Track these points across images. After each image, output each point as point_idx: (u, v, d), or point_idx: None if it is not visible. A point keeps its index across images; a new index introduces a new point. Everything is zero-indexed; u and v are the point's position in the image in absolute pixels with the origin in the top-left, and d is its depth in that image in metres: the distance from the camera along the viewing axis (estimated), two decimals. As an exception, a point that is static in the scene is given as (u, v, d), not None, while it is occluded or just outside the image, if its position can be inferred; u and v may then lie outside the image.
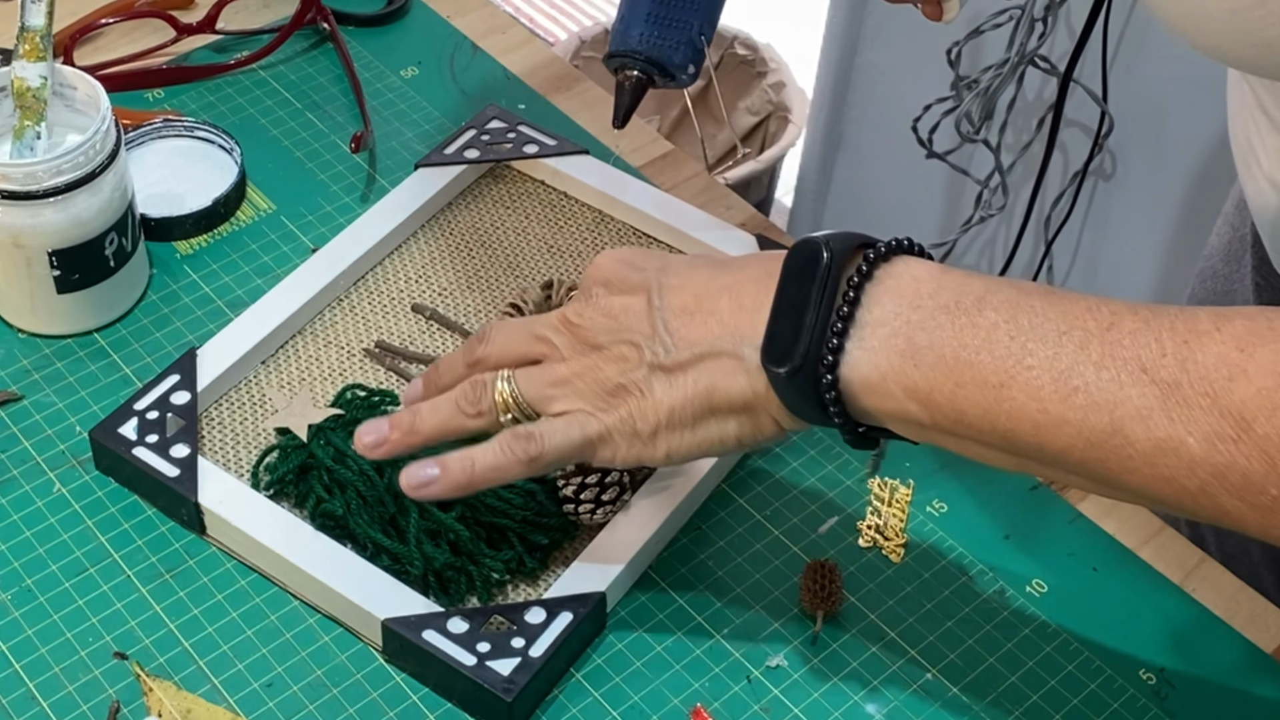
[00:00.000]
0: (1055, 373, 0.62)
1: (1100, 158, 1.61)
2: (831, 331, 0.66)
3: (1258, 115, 0.78)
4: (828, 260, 0.66)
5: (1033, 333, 0.63)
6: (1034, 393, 0.62)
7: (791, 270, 0.67)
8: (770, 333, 0.68)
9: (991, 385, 0.63)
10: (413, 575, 0.79)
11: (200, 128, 1.01)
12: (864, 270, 0.66)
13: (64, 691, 0.76)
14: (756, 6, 2.54)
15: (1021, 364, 0.63)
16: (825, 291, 0.66)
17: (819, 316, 0.66)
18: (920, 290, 0.66)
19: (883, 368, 0.65)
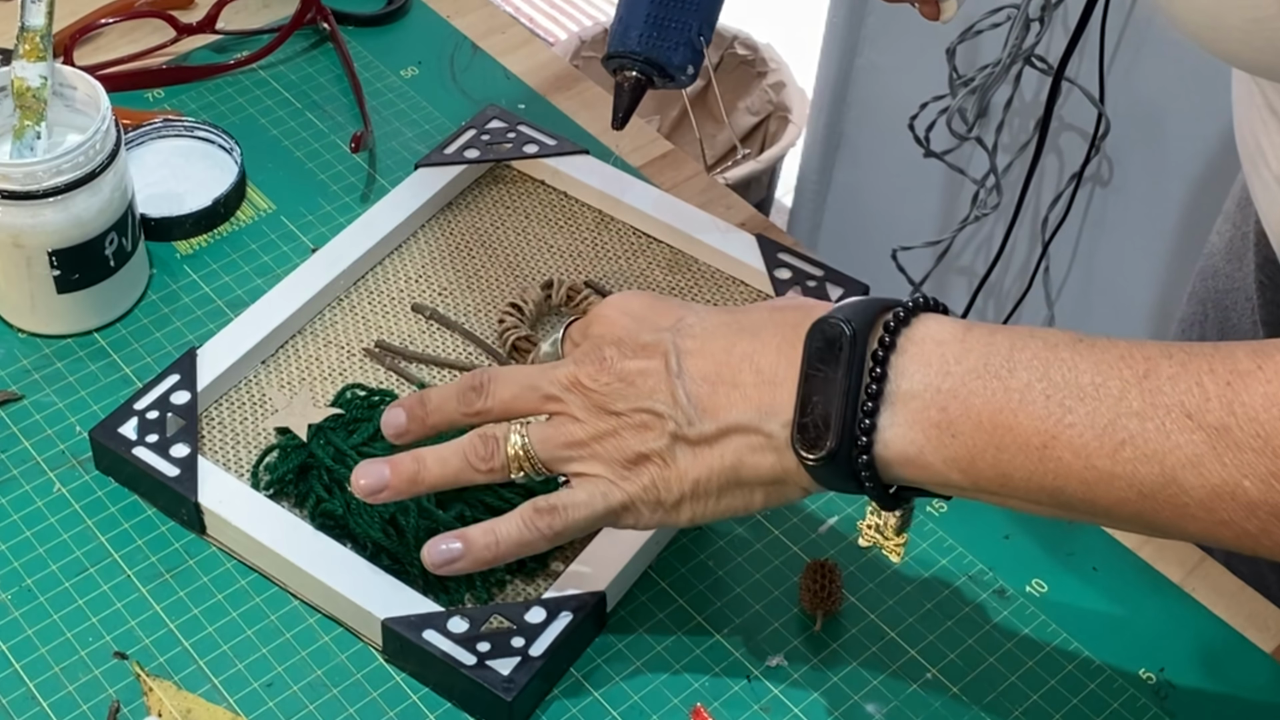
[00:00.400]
0: (1098, 428, 0.61)
1: (1097, 159, 1.61)
2: (862, 412, 0.65)
3: (1266, 115, 0.77)
4: (850, 338, 0.65)
5: (1068, 388, 0.62)
6: (1079, 450, 0.62)
7: (814, 353, 0.66)
8: (800, 423, 0.66)
9: (1034, 447, 0.62)
10: (413, 575, 0.79)
11: (200, 128, 1.01)
12: (887, 342, 0.65)
13: (64, 691, 0.76)
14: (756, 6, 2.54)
15: (1062, 422, 0.62)
16: (852, 374, 0.65)
17: (848, 401, 0.65)
18: (946, 355, 0.64)
19: (919, 442, 0.64)
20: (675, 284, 0.95)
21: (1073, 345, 0.63)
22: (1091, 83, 1.56)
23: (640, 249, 0.97)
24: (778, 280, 0.93)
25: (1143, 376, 0.61)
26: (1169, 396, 0.60)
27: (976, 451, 0.64)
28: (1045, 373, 0.62)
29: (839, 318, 0.66)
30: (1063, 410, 0.62)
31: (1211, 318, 0.99)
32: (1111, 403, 0.61)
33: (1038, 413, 0.62)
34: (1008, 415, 0.63)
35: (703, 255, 0.96)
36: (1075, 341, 0.63)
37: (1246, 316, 0.94)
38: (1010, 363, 0.63)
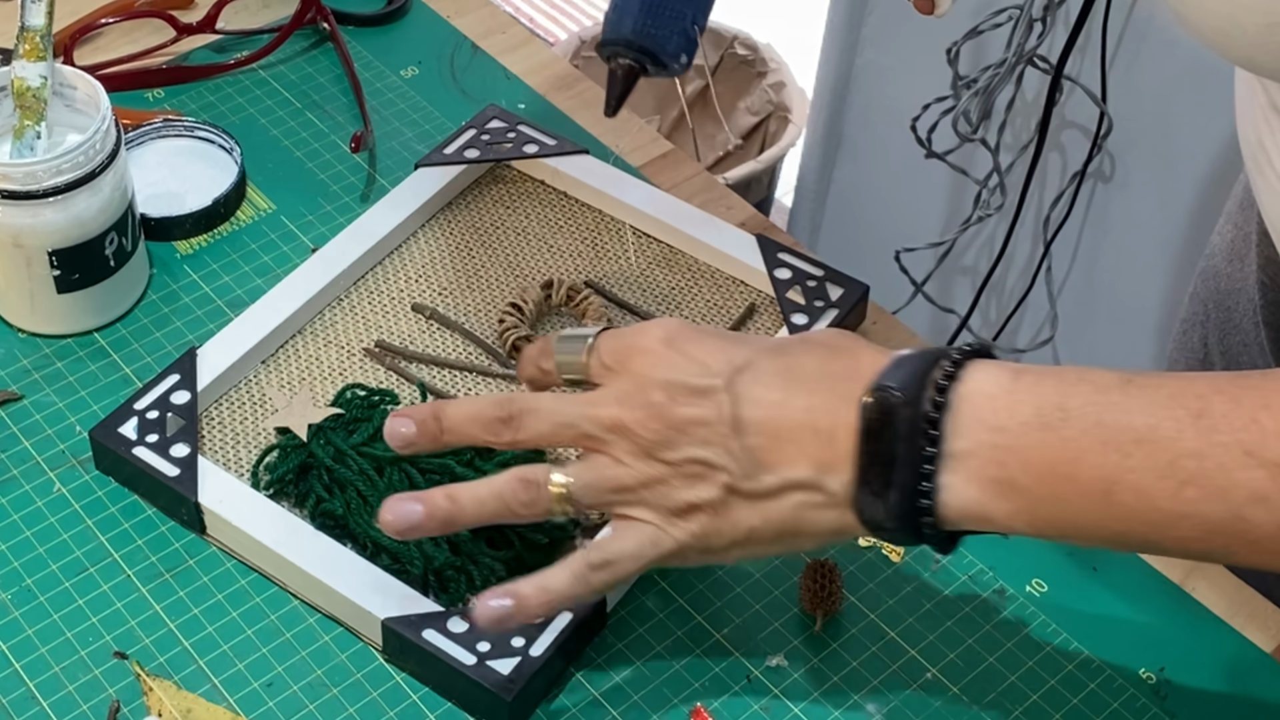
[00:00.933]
0: (1158, 471, 0.61)
1: (1099, 158, 1.61)
2: (921, 475, 0.65)
3: (1269, 114, 0.77)
4: (904, 405, 0.65)
5: (1123, 434, 0.62)
6: (1141, 493, 0.62)
7: (870, 424, 0.65)
8: (859, 496, 0.66)
9: (1096, 494, 0.62)
10: (413, 575, 0.79)
11: (200, 128, 1.01)
12: (939, 402, 0.64)
13: (64, 691, 0.76)
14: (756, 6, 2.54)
15: (1121, 467, 0.62)
16: (909, 444, 0.65)
17: (908, 469, 0.65)
18: (998, 409, 0.64)
19: (980, 499, 0.65)
20: (675, 284, 0.95)
21: (1122, 387, 0.63)
22: (1093, 82, 1.55)
23: (640, 249, 0.97)
24: (778, 280, 0.93)
25: (1197, 416, 0.61)
26: (1226, 435, 0.60)
27: (1038, 503, 0.64)
28: (1099, 419, 0.62)
29: (892, 387, 0.65)
30: (1120, 455, 0.62)
31: (1213, 318, 0.99)
32: (1168, 445, 0.61)
33: (1096, 461, 0.62)
34: (1066, 466, 0.63)
35: (703, 255, 0.96)
36: (1124, 383, 0.63)
37: (1248, 317, 0.94)
38: (1062, 412, 0.63)
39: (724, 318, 0.94)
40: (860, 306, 0.93)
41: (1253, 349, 0.94)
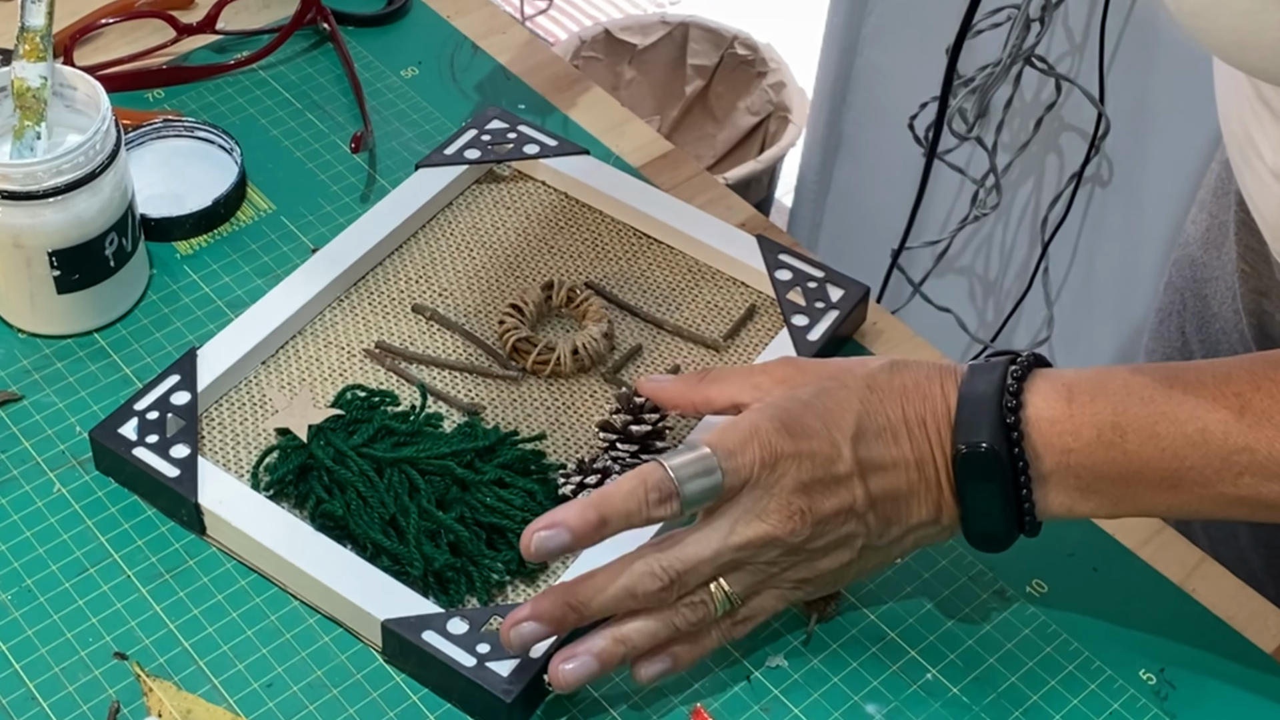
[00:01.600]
0: (1215, 466, 0.70)
1: (1097, 160, 1.61)
2: (1021, 499, 0.74)
3: (1258, 107, 0.77)
4: (993, 456, 0.72)
5: (1177, 440, 0.70)
6: (1205, 484, 0.71)
7: (967, 477, 0.74)
8: (972, 531, 0.76)
9: (1166, 488, 0.72)
10: (413, 576, 0.79)
11: (200, 128, 1.01)
12: (1015, 437, 0.72)
13: (64, 691, 0.76)
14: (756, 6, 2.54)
15: (1182, 467, 0.71)
16: (1005, 486, 0.73)
17: (1009, 500, 0.74)
18: (1063, 433, 0.72)
19: (1068, 504, 0.74)
20: (675, 284, 0.95)
21: (1167, 395, 0.71)
22: (1092, 83, 1.55)
23: (640, 249, 0.97)
24: (778, 281, 0.93)
25: (1239, 413, 0.69)
26: (1269, 428, 0.68)
27: (1118, 499, 0.73)
28: (1152, 430, 0.71)
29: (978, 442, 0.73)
30: (1178, 460, 0.71)
31: (1190, 307, 0.99)
32: (1219, 444, 0.70)
33: (1158, 466, 0.71)
34: (1133, 473, 0.72)
35: (703, 255, 0.96)
36: (1168, 389, 0.71)
37: (1228, 305, 0.94)
38: (1118, 429, 0.71)
39: (724, 318, 0.94)
40: (861, 308, 0.93)
41: (1233, 336, 0.94)
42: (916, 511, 0.75)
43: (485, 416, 0.88)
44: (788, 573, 0.75)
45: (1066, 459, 0.73)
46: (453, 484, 0.83)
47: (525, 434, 0.87)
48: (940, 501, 0.75)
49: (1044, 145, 1.65)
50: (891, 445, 0.74)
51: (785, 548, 0.73)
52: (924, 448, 0.74)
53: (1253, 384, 0.69)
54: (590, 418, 0.88)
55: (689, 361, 0.92)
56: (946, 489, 0.74)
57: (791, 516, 0.72)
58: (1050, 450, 0.73)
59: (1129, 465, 0.72)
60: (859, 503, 0.73)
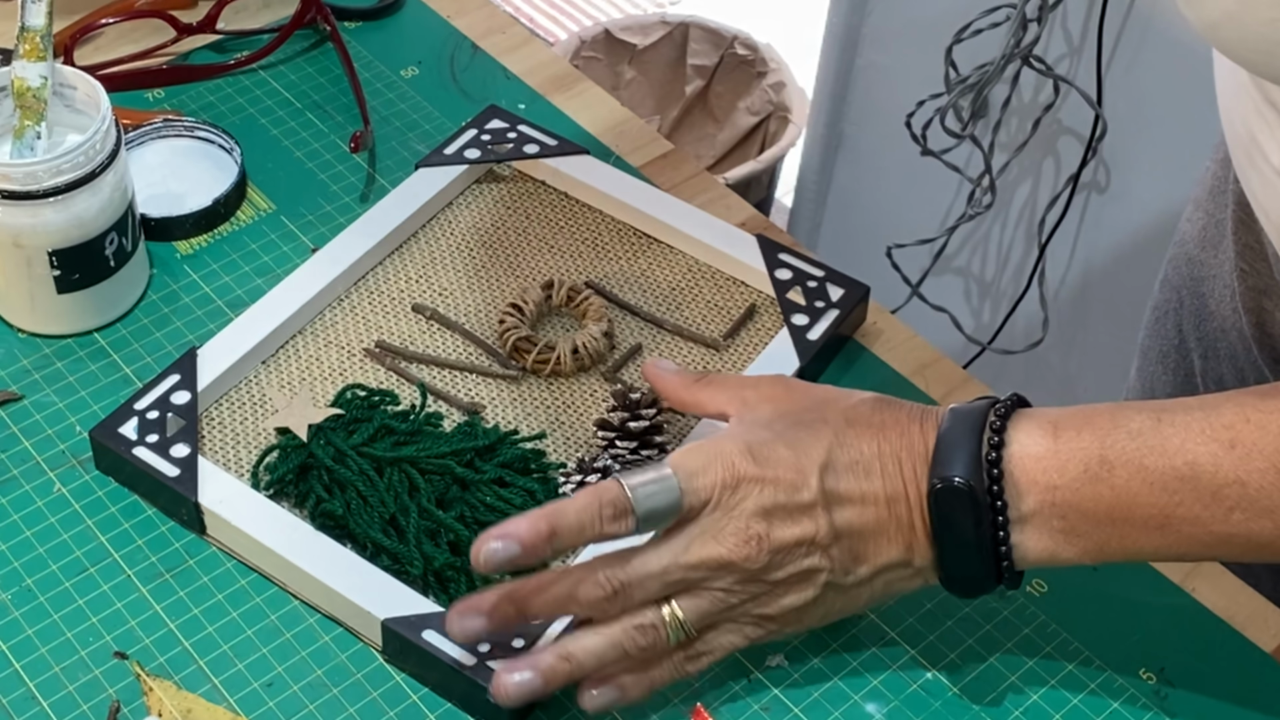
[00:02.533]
0: (1205, 501, 0.67)
1: (1094, 162, 1.61)
2: (997, 542, 0.71)
3: (1263, 108, 0.77)
4: (969, 494, 0.70)
5: (1166, 474, 0.68)
6: (1194, 522, 0.68)
7: (944, 517, 0.71)
8: (947, 575, 0.73)
9: (1154, 528, 0.69)
10: (413, 575, 0.79)
11: (200, 128, 1.01)
12: (995, 474, 0.70)
13: (64, 691, 0.76)
14: (756, 6, 2.54)
15: (1171, 503, 0.68)
16: (981, 523, 0.70)
17: (985, 542, 0.71)
18: (1047, 469, 0.70)
19: (1050, 548, 0.71)
20: (675, 284, 0.95)
21: (1155, 428, 0.68)
22: (1089, 84, 1.56)
23: (640, 249, 0.97)
24: (778, 281, 0.93)
25: (1229, 447, 0.67)
26: (1260, 460, 0.66)
27: (1104, 542, 0.70)
28: (1141, 464, 0.68)
29: (954, 477, 0.70)
30: (1167, 494, 0.68)
31: (1188, 305, 0.99)
32: (1209, 478, 0.67)
33: (1146, 502, 0.68)
34: (1122, 510, 0.69)
35: (703, 255, 0.96)
36: (1156, 423, 0.68)
37: (1226, 303, 0.94)
38: (1105, 464, 0.69)
39: (724, 317, 0.94)
40: (861, 307, 0.93)
41: (1231, 335, 0.94)
42: (886, 551, 0.72)
43: (485, 416, 0.88)
44: (747, 605, 0.72)
45: (1051, 496, 0.70)
46: (453, 483, 0.83)
47: (525, 433, 0.87)
48: (912, 542, 0.72)
49: (1041, 147, 1.65)
50: (862, 479, 0.72)
51: (741, 574, 0.71)
52: (897, 484, 0.72)
53: (1243, 417, 0.67)
54: (590, 417, 0.88)
55: (689, 361, 0.92)
56: (920, 529, 0.72)
57: (748, 541, 0.70)
58: (1034, 488, 0.70)
59: (1116, 502, 0.69)
60: (821, 534, 0.71)
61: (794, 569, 0.71)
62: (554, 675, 0.72)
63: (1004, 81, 1.62)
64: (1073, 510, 0.70)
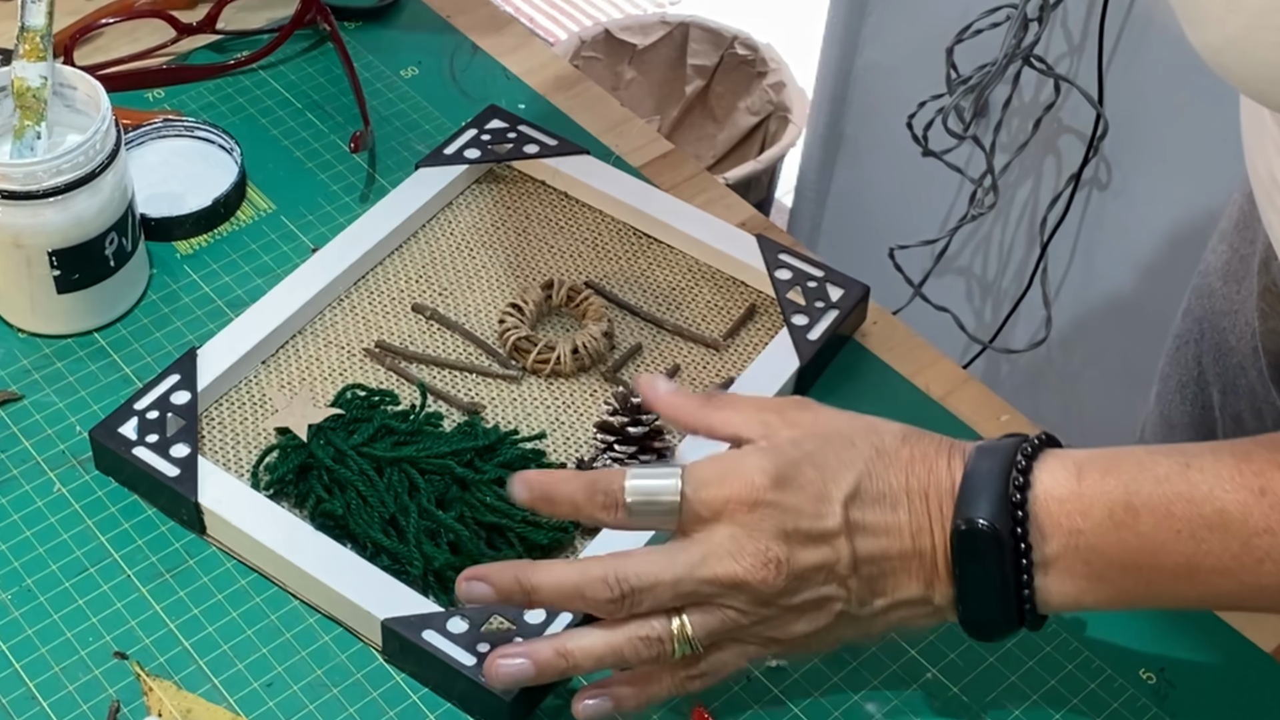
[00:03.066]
0: (1234, 551, 0.65)
1: (1095, 161, 1.61)
2: (1021, 584, 0.69)
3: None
4: (993, 535, 0.68)
5: (1194, 522, 0.66)
6: (1223, 572, 0.66)
7: (964, 557, 0.69)
8: (967, 617, 0.70)
9: (1182, 576, 0.67)
10: (413, 575, 0.79)
11: (200, 128, 1.01)
12: (1020, 517, 0.68)
13: (64, 691, 0.76)
14: (756, 6, 2.54)
15: (1199, 552, 0.66)
16: (1004, 566, 0.68)
17: (1009, 585, 0.69)
18: (1071, 513, 0.68)
19: (1074, 593, 0.69)
20: (675, 284, 0.95)
21: (1183, 474, 0.66)
22: (1090, 83, 1.56)
23: (640, 249, 0.97)
24: (778, 281, 0.93)
25: (1259, 494, 0.65)
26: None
27: (1129, 589, 0.68)
28: (1168, 511, 0.66)
29: (978, 520, 0.68)
30: (1195, 542, 0.66)
31: (1208, 338, 0.97)
32: (1238, 526, 0.65)
33: (1174, 550, 0.66)
34: (1147, 557, 0.67)
35: (703, 255, 0.96)
36: (1183, 468, 0.66)
37: (1246, 341, 0.93)
38: (1130, 510, 0.67)
39: (724, 318, 0.94)
40: (861, 307, 0.93)
41: (1250, 373, 0.93)
42: (905, 586, 0.70)
43: (485, 416, 0.88)
44: (757, 627, 0.71)
45: (1075, 541, 0.68)
46: (453, 483, 0.83)
47: (525, 433, 0.87)
48: (934, 580, 0.70)
49: (1043, 146, 1.65)
50: (889, 512, 0.70)
51: (755, 596, 0.69)
52: (922, 520, 0.70)
53: (1274, 463, 0.65)
54: (590, 417, 0.88)
55: (689, 361, 0.92)
56: (942, 567, 0.70)
57: (767, 564, 0.68)
58: (1058, 531, 0.68)
59: (1142, 549, 0.67)
60: (842, 563, 0.69)
61: (810, 595, 0.70)
62: (548, 668, 0.71)
63: (1005, 81, 1.62)
64: (1097, 556, 0.68)
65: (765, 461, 0.70)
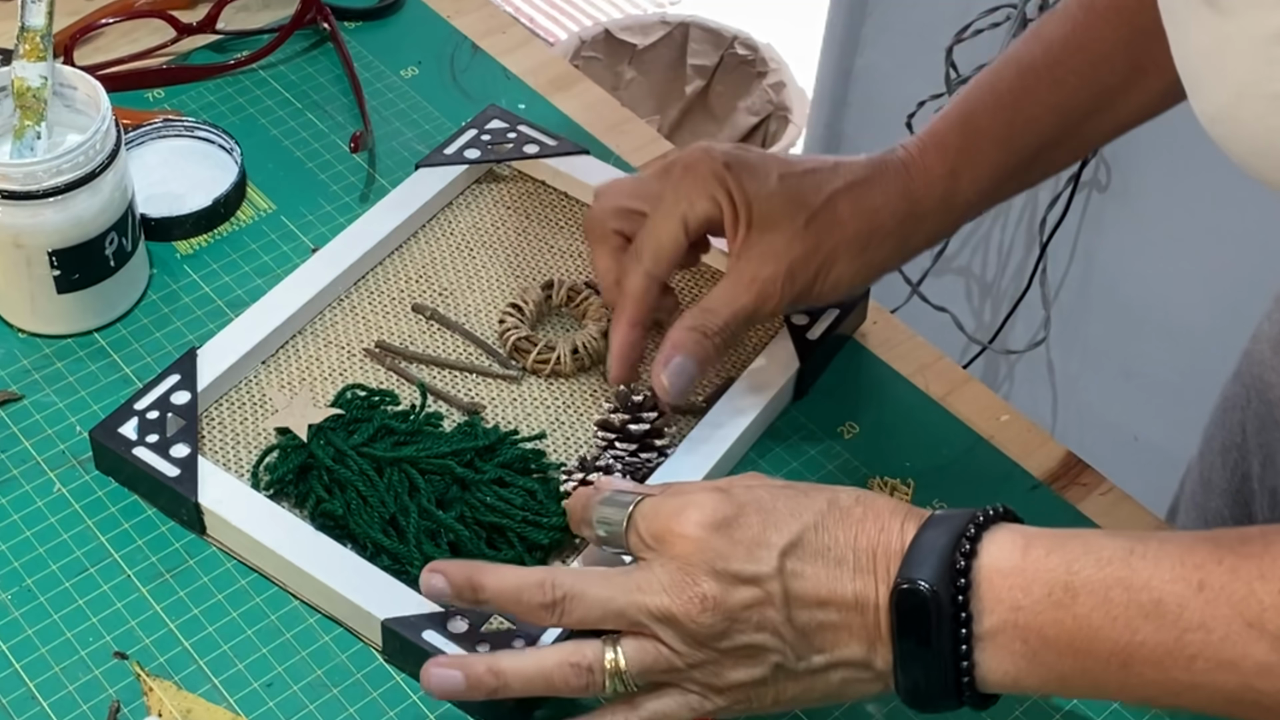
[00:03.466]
0: (1167, 644, 0.63)
1: (1095, 161, 1.61)
2: (958, 656, 0.67)
3: None
4: (933, 600, 0.66)
5: (1130, 608, 0.64)
6: (1156, 665, 0.64)
7: (905, 620, 0.67)
8: (906, 684, 0.68)
9: (1116, 665, 0.65)
10: (413, 575, 0.79)
11: (200, 128, 1.01)
12: (962, 584, 0.66)
13: (64, 691, 0.76)
14: (756, 6, 2.54)
15: (1133, 642, 0.64)
16: (942, 633, 0.67)
17: (946, 654, 0.67)
18: (1012, 587, 0.66)
19: (1012, 672, 0.67)
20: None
21: (1125, 560, 0.65)
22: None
23: (640, 249, 0.97)
24: (778, 280, 0.93)
25: (1197, 589, 0.62)
26: (1226, 608, 0.62)
27: (1066, 672, 0.66)
28: (1105, 595, 0.64)
29: (920, 580, 0.66)
30: (1130, 631, 0.64)
31: (1254, 407, 0.95)
32: (1173, 619, 0.63)
33: (1108, 635, 0.64)
34: (1082, 641, 0.65)
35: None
36: (1127, 554, 0.65)
37: None
38: (1070, 590, 0.65)
39: (724, 318, 0.94)
40: (861, 307, 0.93)
41: None
42: (847, 644, 0.69)
43: (485, 416, 0.88)
44: (694, 672, 0.69)
45: (1014, 617, 0.66)
46: (453, 483, 0.83)
47: (525, 433, 0.87)
48: (875, 642, 0.68)
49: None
50: (831, 566, 0.68)
51: (687, 633, 0.68)
52: (867, 579, 0.68)
53: (1216, 559, 0.63)
54: (590, 417, 0.88)
55: (689, 361, 0.92)
56: (884, 629, 0.68)
57: (693, 599, 0.68)
58: (999, 605, 0.66)
59: (1079, 631, 0.65)
60: (774, 611, 0.68)
61: (743, 640, 0.69)
62: (478, 685, 0.71)
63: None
64: (1034, 634, 0.66)
65: (714, 501, 0.70)
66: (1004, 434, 0.90)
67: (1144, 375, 1.69)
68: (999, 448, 0.89)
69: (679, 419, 0.88)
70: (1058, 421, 1.79)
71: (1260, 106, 0.57)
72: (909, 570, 0.67)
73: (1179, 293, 1.60)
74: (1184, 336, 1.61)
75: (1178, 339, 1.62)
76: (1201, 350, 1.59)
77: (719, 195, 0.83)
